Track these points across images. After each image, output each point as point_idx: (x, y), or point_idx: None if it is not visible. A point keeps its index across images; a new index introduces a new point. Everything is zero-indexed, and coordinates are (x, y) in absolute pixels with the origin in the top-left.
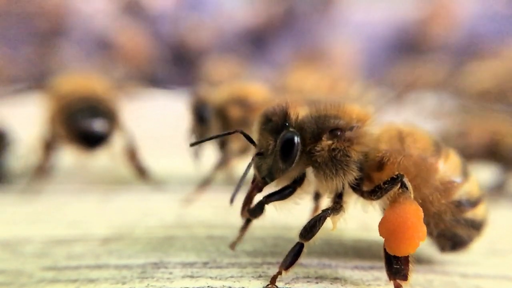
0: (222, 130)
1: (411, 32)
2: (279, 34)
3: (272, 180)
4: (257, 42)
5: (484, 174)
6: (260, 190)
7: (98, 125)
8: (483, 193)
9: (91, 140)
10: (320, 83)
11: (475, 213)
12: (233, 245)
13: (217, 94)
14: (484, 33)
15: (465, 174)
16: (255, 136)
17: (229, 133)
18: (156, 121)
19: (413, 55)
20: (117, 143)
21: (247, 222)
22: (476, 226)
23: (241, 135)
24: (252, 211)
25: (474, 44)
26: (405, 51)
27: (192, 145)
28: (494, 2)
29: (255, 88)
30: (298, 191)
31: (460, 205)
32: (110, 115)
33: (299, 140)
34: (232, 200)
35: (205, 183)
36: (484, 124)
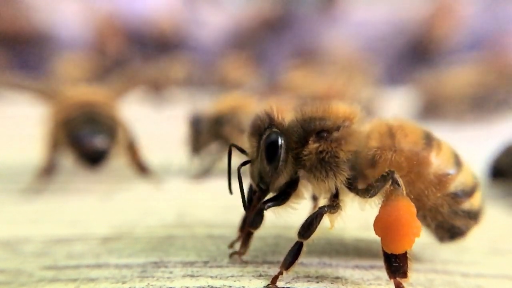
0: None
1: (414, 32)
2: (278, 33)
3: (265, 185)
4: (256, 41)
5: None
6: (259, 200)
7: (98, 143)
8: (477, 181)
9: (93, 159)
10: (319, 82)
11: (472, 203)
12: (240, 253)
13: (211, 109)
14: (485, 32)
15: (458, 165)
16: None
17: (229, 156)
18: (157, 120)
19: (416, 54)
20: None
21: (248, 234)
22: (474, 216)
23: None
24: (252, 222)
25: (476, 43)
26: (408, 50)
27: (230, 191)
28: (495, 1)
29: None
30: (293, 195)
31: (456, 197)
32: (109, 128)
33: (282, 140)
34: (230, 190)
35: (207, 169)
36: None
